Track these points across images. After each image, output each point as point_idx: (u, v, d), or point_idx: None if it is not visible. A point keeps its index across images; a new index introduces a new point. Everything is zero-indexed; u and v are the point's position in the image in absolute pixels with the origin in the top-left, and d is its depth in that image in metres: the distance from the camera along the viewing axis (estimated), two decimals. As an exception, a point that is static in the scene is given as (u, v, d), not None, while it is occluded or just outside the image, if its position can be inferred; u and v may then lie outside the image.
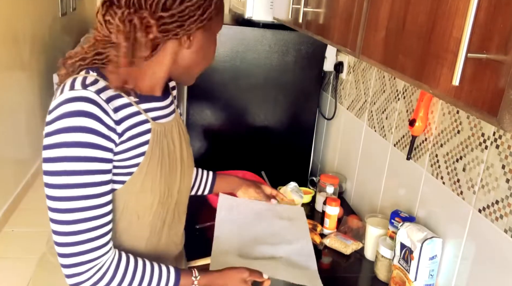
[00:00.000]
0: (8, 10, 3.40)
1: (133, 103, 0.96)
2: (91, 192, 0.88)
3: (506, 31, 0.54)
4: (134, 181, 0.96)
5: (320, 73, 2.01)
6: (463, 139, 1.19)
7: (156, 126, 0.99)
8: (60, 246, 0.89)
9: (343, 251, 1.49)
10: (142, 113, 0.98)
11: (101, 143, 0.87)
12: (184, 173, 1.10)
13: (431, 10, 0.70)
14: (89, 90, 0.87)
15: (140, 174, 0.96)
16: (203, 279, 1.03)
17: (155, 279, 0.96)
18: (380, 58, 0.87)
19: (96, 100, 0.87)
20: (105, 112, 0.88)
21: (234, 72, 1.93)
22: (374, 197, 1.67)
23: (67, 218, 0.87)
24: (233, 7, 2.30)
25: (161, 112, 1.03)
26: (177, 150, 1.07)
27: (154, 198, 1.01)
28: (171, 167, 1.04)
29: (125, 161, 0.95)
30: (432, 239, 1.20)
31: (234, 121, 2.00)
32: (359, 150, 1.80)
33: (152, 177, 0.98)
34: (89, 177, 0.87)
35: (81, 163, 0.85)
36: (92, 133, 0.85)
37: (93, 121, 0.85)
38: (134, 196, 0.98)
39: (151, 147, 0.98)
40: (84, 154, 0.85)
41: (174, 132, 1.07)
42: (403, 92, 1.50)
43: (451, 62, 0.64)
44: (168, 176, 1.03)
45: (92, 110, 0.86)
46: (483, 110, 0.57)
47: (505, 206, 1.04)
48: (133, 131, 0.95)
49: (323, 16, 1.22)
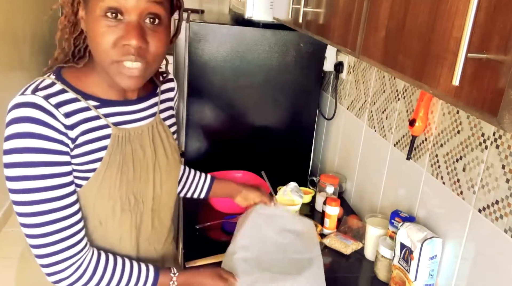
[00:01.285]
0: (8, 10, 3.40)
1: (92, 108, 0.93)
2: (49, 195, 0.87)
3: (506, 31, 0.54)
4: (90, 186, 0.94)
5: (320, 73, 2.00)
6: (463, 139, 1.19)
7: (117, 132, 0.96)
8: (35, 248, 0.89)
9: (343, 251, 1.49)
10: (102, 118, 0.94)
11: (51, 147, 0.86)
12: (160, 180, 1.06)
13: (431, 10, 0.70)
14: (36, 95, 0.85)
15: (96, 179, 0.94)
16: (181, 276, 1.03)
17: (134, 276, 0.97)
18: (380, 58, 0.87)
19: (42, 105, 0.85)
20: (53, 117, 0.86)
21: (234, 72, 1.93)
22: (374, 197, 1.67)
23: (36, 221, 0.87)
24: (233, 7, 2.30)
25: (128, 117, 0.99)
26: (148, 156, 1.03)
27: (115, 204, 0.98)
28: (137, 173, 1.00)
29: (82, 165, 0.92)
30: (432, 239, 1.20)
31: (234, 121, 2.00)
32: (359, 150, 1.80)
33: (110, 183, 0.95)
34: (46, 181, 0.86)
35: (35, 168, 0.85)
36: (40, 139, 0.84)
37: (39, 127, 0.84)
38: (92, 201, 0.96)
39: (109, 152, 0.94)
40: (35, 159, 0.84)
41: (144, 138, 1.02)
42: (403, 92, 1.50)
43: (451, 62, 0.64)
44: (132, 182, 0.99)
45: (37, 116, 0.84)
46: (483, 110, 0.57)
47: (505, 206, 1.04)
48: (90, 136, 0.92)
49: (323, 16, 1.22)
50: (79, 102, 0.92)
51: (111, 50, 0.86)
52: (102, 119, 0.94)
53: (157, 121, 1.07)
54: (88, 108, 0.93)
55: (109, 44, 0.85)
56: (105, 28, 0.85)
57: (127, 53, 0.86)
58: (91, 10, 0.86)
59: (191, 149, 2.00)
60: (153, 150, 1.04)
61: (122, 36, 0.85)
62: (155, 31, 0.88)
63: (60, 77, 0.93)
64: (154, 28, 0.88)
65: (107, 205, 0.97)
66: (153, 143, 1.05)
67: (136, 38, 0.85)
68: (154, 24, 0.88)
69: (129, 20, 0.85)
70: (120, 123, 0.98)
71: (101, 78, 0.95)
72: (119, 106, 0.98)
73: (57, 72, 0.94)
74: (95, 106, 0.94)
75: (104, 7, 0.84)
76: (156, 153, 1.05)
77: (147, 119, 1.04)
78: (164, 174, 1.07)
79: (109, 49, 0.86)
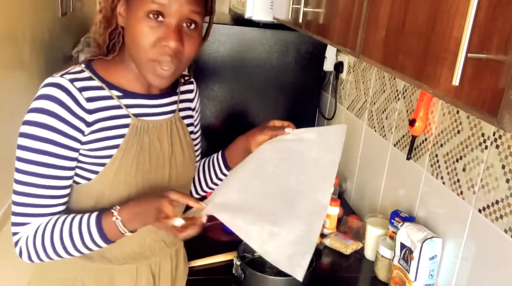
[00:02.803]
0: (8, 10, 3.40)
1: (114, 97, 0.98)
2: (42, 171, 0.92)
3: (506, 31, 0.54)
4: (107, 172, 0.97)
5: (320, 73, 2.00)
6: (463, 139, 1.19)
7: (136, 122, 1.00)
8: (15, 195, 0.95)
9: (343, 251, 1.49)
10: (123, 107, 0.99)
11: (61, 128, 0.91)
12: (176, 174, 1.08)
13: (431, 10, 0.70)
14: (63, 78, 0.92)
15: (112, 165, 0.97)
16: (123, 210, 0.94)
17: (75, 225, 0.95)
18: (380, 58, 0.87)
19: (66, 86, 0.91)
20: (74, 99, 0.91)
21: (234, 72, 1.93)
22: (374, 197, 1.67)
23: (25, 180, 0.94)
24: (233, 7, 2.30)
25: (149, 110, 1.03)
26: (166, 150, 1.05)
27: (130, 191, 1.00)
28: (153, 165, 1.03)
29: (96, 151, 0.96)
30: (432, 239, 1.20)
31: (234, 121, 2.00)
32: (359, 150, 1.80)
33: (125, 171, 0.98)
34: (48, 158, 0.92)
35: (36, 141, 0.90)
36: (53, 117, 0.90)
37: (56, 106, 0.90)
38: (108, 187, 0.99)
39: (126, 140, 0.98)
40: (40, 134, 0.90)
41: (163, 132, 1.05)
42: (403, 92, 1.50)
43: (451, 62, 0.64)
44: (148, 173, 1.02)
45: (58, 96, 0.90)
46: (483, 110, 0.57)
47: (505, 206, 1.04)
48: (108, 123, 0.97)
49: (323, 16, 1.22)
50: (103, 90, 0.97)
51: (150, 49, 0.91)
52: (123, 109, 0.99)
53: (176, 118, 1.10)
54: (111, 97, 0.98)
55: (149, 44, 0.90)
56: (147, 29, 0.90)
57: (165, 54, 0.91)
58: (133, 9, 0.91)
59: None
60: (170, 144, 1.07)
61: (162, 37, 0.90)
62: (190, 35, 0.93)
63: (89, 67, 0.98)
64: (190, 32, 0.93)
65: (123, 192, 0.99)
66: (171, 137, 1.07)
67: (175, 41, 0.90)
68: (191, 28, 0.93)
69: (170, 23, 0.90)
70: (141, 115, 1.02)
71: (129, 70, 1.00)
72: (141, 99, 1.02)
73: (87, 62, 1.00)
74: (118, 96, 0.99)
75: (148, 9, 0.89)
76: (173, 147, 1.07)
77: (166, 115, 1.07)
78: (180, 168, 1.09)
79: (149, 48, 0.91)
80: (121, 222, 0.93)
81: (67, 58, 4.93)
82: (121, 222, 0.93)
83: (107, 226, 0.94)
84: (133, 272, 1.08)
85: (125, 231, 0.93)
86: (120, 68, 1.00)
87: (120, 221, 0.93)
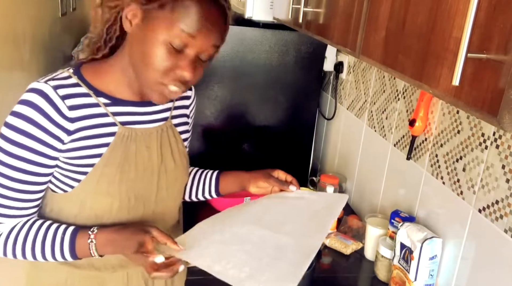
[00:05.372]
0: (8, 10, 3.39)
1: (101, 105, 0.96)
2: (21, 177, 0.91)
3: (506, 31, 0.54)
4: (89, 180, 0.96)
5: (320, 73, 2.00)
6: (463, 139, 1.19)
7: (123, 131, 0.98)
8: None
9: (343, 251, 1.49)
10: (110, 115, 0.96)
11: (38, 135, 0.90)
12: (166, 183, 1.06)
13: (431, 10, 0.70)
14: (47, 84, 0.90)
15: (95, 174, 0.95)
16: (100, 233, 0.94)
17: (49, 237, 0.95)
18: (380, 58, 0.87)
19: (48, 94, 0.90)
20: (55, 107, 0.90)
21: (234, 72, 1.93)
22: (374, 197, 1.67)
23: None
24: (233, 7, 2.30)
25: (138, 117, 1.01)
26: (154, 158, 1.03)
27: (113, 202, 0.98)
28: (139, 174, 1.00)
29: (78, 159, 0.94)
30: (432, 239, 1.20)
31: (234, 121, 2.00)
32: (359, 150, 1.80)
33: (108, 180, 0.96)
34: (22, 163, 0.90)
35: (12, 146, 0.89)
36: (32, 124, 0.89)
37: (36, 113, 0.89)
38: (91, 195, 0.97)
39: (110, 149, 0.96)
40: (17, 139, 0.89)
41: (152, 140, 1.02)
42: (403, 92, 1.50)
43: (451, 62, 0.64)
44: (133, 182, 0.99)
45: (38, 103, 0.89)
46: (483, 110, 0.57)
47: (505, 206, 1.04)
48: (92, 132, 0.95)
49: (323, 16, 1.22)
50: (90, 97, 0.95)
51: (161, 73, 0.89)
52: (110, 117, 0.97)
53: (168, 126, 1.07)
54: (98, 104, 0.95)
55: (162, 69, 0.88)
56: (164, 55, 0.87)
57: (176, 80, 0.90)
58: (154, 28, 0.86)
59: (190, 149, 2.00)
60: (160, 153, 1.04)
61: (178, 66, 0.89)
62: (201, 64, 0.93)
63: (77, 72, 0.96)
64: (203, 62, 0.93)
65: (105, 201, 0.98)
66: (161, 145, 1.04)
67: (190, 72, 0.89)
68: (204, 60, 0.93)
69: (189, 54, 0.89)
70: (129, 123, 0.99)
71: (121, 76, 0.97)
72: (130, 106, 1.00)
73: (76, 67, 0.97)
74: (105, 103, 0.96)
75: (174, 38, 0.86)
76: (162, 156, 1.05)
77: (157, 123, 1.05)
78: (170, 178, 1.07)
79: (161, 72, 0.89)
80: (95, 246, 0.93)
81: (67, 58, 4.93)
82: (95, 246, 0.93)
83: (80, 245, 0.94)
84: (124, 278, 1.07)
85: (95, 254, 0.94)
86: (111, 73, 0.97)
87: (94, 245, 0.93)
